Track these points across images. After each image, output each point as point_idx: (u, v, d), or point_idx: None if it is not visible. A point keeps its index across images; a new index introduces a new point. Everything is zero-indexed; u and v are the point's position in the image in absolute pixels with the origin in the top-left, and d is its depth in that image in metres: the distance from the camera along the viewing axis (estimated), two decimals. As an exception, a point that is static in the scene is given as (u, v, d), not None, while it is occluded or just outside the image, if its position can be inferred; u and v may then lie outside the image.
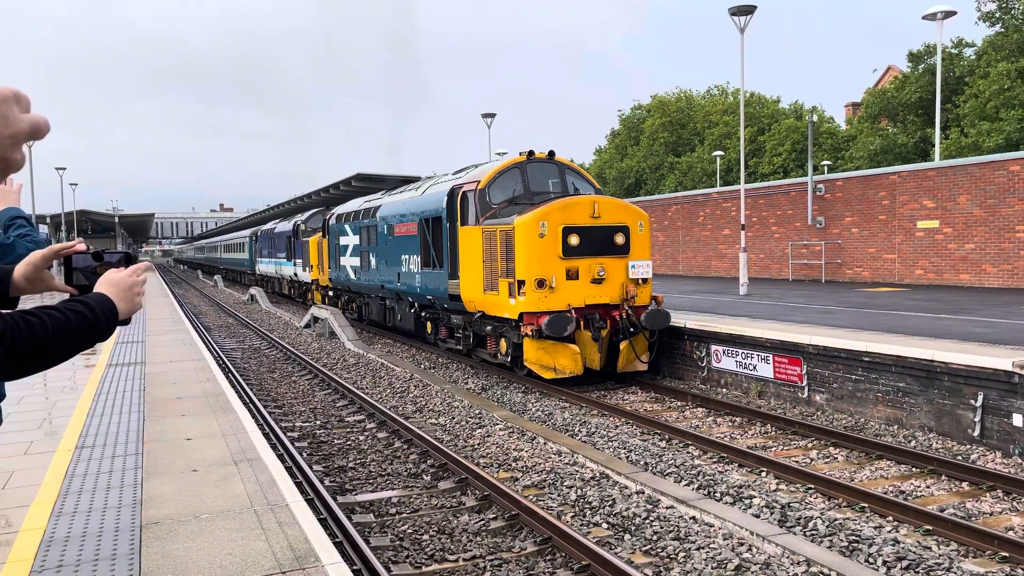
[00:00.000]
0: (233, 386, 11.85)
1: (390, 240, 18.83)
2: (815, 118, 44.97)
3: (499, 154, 26.61)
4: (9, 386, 3.15)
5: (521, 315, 12.40)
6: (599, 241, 12.77)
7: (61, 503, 5.59)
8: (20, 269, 2.31)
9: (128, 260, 2.29)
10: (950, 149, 33.63)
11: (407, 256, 17.54)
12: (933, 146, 30.08)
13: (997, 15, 37.96)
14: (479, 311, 13.92)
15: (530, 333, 12.20)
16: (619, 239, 12.92)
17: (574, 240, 12.50)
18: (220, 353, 18.27)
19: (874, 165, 36.67)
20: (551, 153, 14.49)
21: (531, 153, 14.25)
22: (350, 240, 22.71)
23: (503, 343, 13.59)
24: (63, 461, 6.71)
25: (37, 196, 63.67)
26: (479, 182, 14.01)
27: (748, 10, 20.18)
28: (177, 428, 7.82)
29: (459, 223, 14.49)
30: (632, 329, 12.79)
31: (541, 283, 12.26)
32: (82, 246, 2.32)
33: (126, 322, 2.10)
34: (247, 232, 49.42)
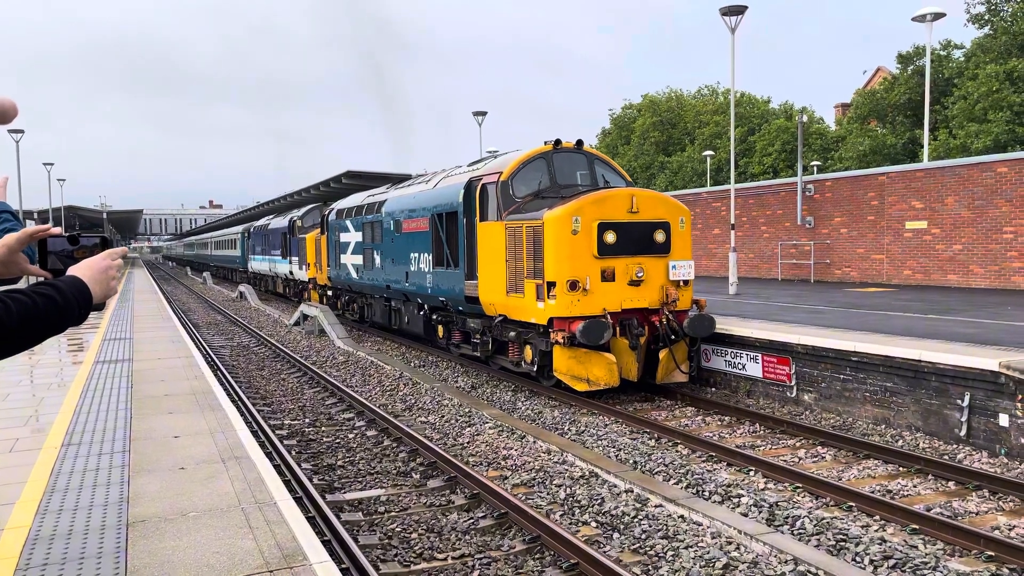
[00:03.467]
0: (221, 383, 11.82)
1: (397, 237, 17.58)
2: (805, 119, 45.10)
3: (490, 152, 26.54)
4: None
5: (551, 320, 11.29)
6: (637, 239, 11.58)
7: (47, 501, 5.55)
8: None
9: (104, 244, 2.24)
10: (938, 150, 33.82)
11: (417, 254, 16.30)
12: (922, 147, 30.23)
13: (986, 17, 38.21)
14: (500, 315, 12.77)
15: (561, 340, 10.98)
16: (659, 236, 11.73)
17: (610, 237, 11.31)
18: (208, 350, 18.20)
19: (863, 166, 36.84)
20: (579, 142, 13.39)
21: (557, 142, 13.06)
22: (352, 237, 21.47)
23: (528, 350, 12.37)
24: (49, 459, 6.67)
25: (24, 192, 63.16)
26: (501, 173, 12.75)
27: (739, 10, 20.23)
28: (164, 426, 7.78)
29: (477, 218, 13.30)
30: (673, 336, 11.65)
31: (574, 285, 11.09)
32: (57, 229, 2.26)
33: (101, 307, 2.06)
34: (239, 228, 48.70)
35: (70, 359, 12.96)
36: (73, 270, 2.03)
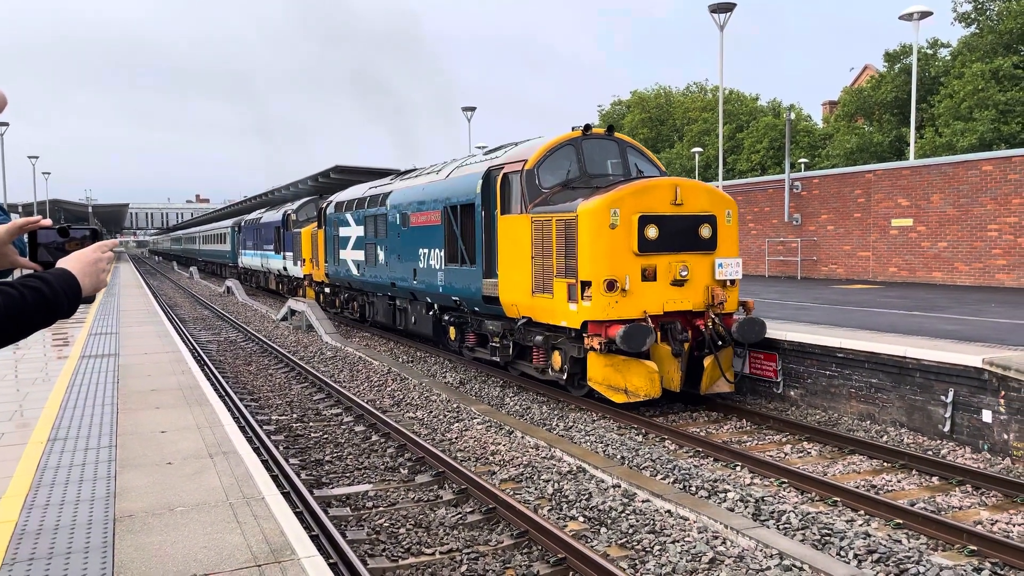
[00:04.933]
0: (208, 379, 11.77)
1: (404, 231, 16.35)
2: (792, 116, 45.28)
3: (479, 147, 26.50)
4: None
5: (584, 324, 10.20)
6: (681, 234, 10.47)
7: (33, 496, 5.53)
8: None
9: (95, 236, 2.23)
10: (924, 148, 34.05)
11: (426, 250, 15.07)
12: (908, 145, 30.42)
13: (972, 16, 38.46)
14: (524, 317, 11.63)
15: (597, 346, 9.95)
16: (705, 231, 10.61)
17: (652, 232, 10.17)
18: (195, 345, 18.13)
19: (850, 163, 37.04)
20: (610, 128, 12.34)
21: (587, 127, 11.95)
22: (352, 231, 20.23)
23: (557, 356, 11.26)
24: (35, 454, 6.63)
25: (8, 186, 62.66)
26: (526, 161, 11.56)
27: (728, 7, 20.32)
28: (151, 421, 7.75)
29: (498, 211, 12.17)
30: (720, 342, 10.56)
31: (611, 285, 9.94)
32: (47, 221, 2.25)
33: (90, 299, 2.06)
34: (229, 222, 47.56)
35: (55, 354, 12.88)
36: (63, 262, 2.01)
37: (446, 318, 14.96)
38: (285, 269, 29.88)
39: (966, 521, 6.87)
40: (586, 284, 10.12)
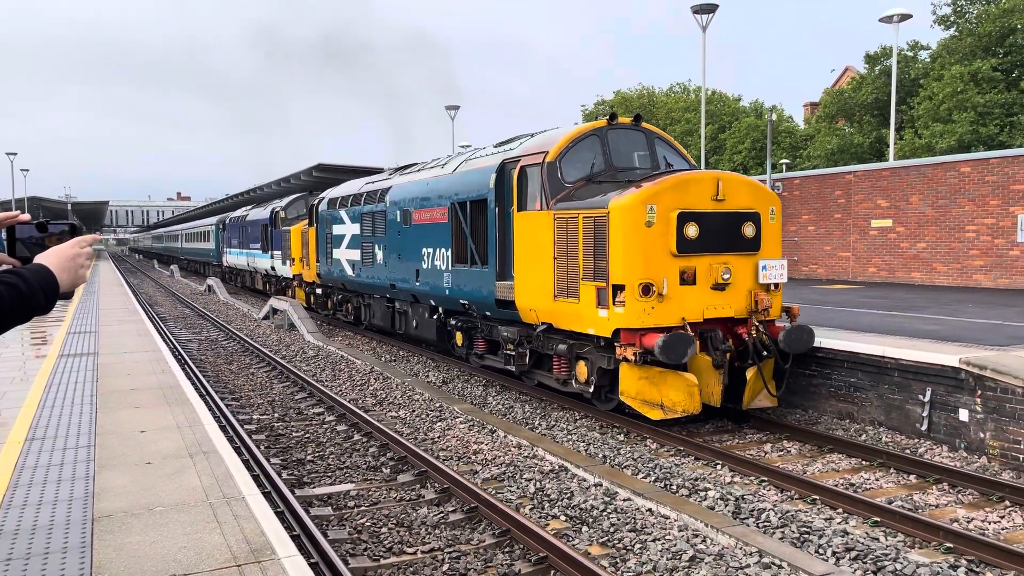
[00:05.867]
0: (189, 378, 11.70)
1: (405, 229, 15.29)
2: (774, 117, 45.58)
3: (463, 146, 26.40)
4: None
5: (616, 332, 9.21)
6: (723, 232, 9.51)
7: (10, 496, 5.48)
8: None
9: (74, 232, 2.22)
10: (904, 150, 34.37)
11: (431, 250, 14.05)
12: (888, 146, 30.70)
13: (952, 19, 38.84)
14: (544, 323, 10.61)
15: (632, 357, 8.96)
16: (748, 230, 9.64)
17: (692, 231, 9.20)
18: (176, 344, 18.00)
19: (831, 164, 37.32)
20: (637, 117, 11.37)
21: (612, 116, 11.06)
22: (347, 229, 19.08)
23: (582, 367, 10.20)
24: (12, 453, 6.57)
25: (-14, 182, 61.88)
26: (546, 153, 10.55)
27: (710, 8, 20.42)
28: (131, 420, 7.70)
29: (515, 207, 11.12)
30: (765, 352, 9.59)
31: (647, 289, 9.00)
32: (26, 216, 2.24)
33: (69, 295, 2.04)
34: (213, 220, 46.28)
35: (33, 352, 12.75)
36: (40, 258, 2.00)
37: (452, 322, 14.02)
38: (273, 269, 28.95)
39: (943, 519, 6.95)
40: (618, 288, 9.21)
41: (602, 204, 9.45)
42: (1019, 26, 35.65)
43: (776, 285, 9.94)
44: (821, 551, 6.19)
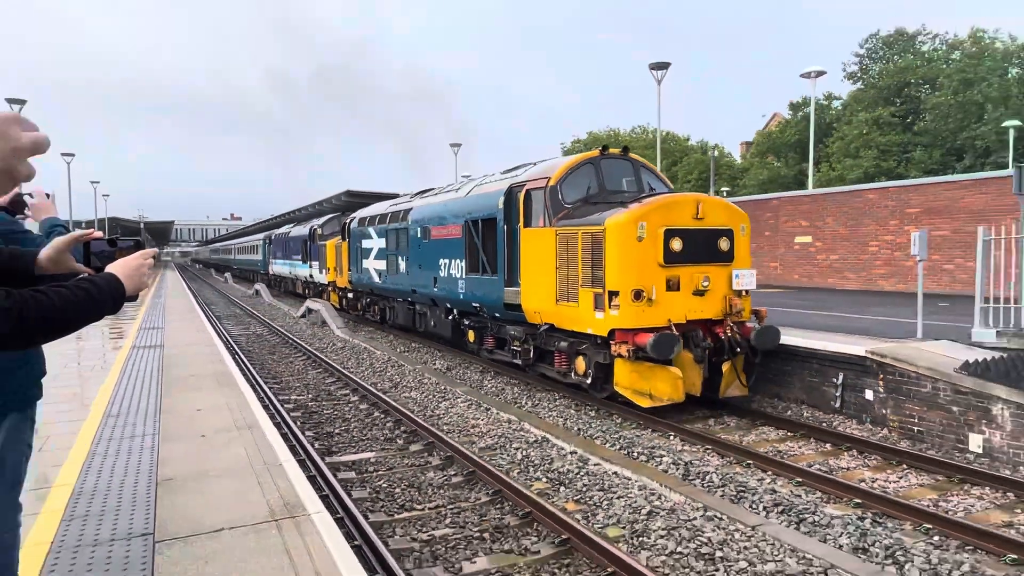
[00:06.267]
0: (238, 365, 11.61)
1: (424, 244, 14.92)
2: (716, 153, 45.71)
3: (464, 176, 26.27)
4: (49, 364, 3.05)
5: (612, 331, 8.97)
6: (703, 246, 9.24)
7: (89, 463, 5.41)
8: (45, 252, 2.23)
9: (138, 246, 2.22)
10: (821, 180, 34.56)
11: (447, 260, 13.72)
12: (808, 177, 30.84)
13: (858, 75, 39.11)
14: (547, 323, 10.33)
15: (625, 353, 8.76)
16: (723, 244, 9.40)
17: (676, 245, 8.98)
18: (228, 338, 17.87)
19: (762, 191, 37.47)
20: (625, 148, 11.12)
21: (604, 147, 10.89)
22: (374, 243, 18.81)
23: (580, 362, 9.96)
24: (92, 428, 6.49)
25: (74, 205, 61.53)
26: (549, 178, 10.32)
27: (664, 66, 20.49)
28: (189, 401, 7.62)
29: (521, 224, 10.83)
30: (738, 349, 9.28)
31: (638, 295, 8.78)
32: (99, 233, 2.27)
33: (134, 298, 2.04)
34: (260, 236, 46.05)
35: (111, 345, 12.63)
36: (110, 267, 2.00)
37: (465, 322, 13.59)
38: (311, 276, 28.72)
39: (853, 479, 6.96)
40: (614, 294, 8.93)
41: (599, 222, 9.22)
42: (912, 81, 35.94)
43: (747, 291, 9.66)
44: (754, 506, 6.19)
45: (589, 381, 9.77)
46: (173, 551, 3.80)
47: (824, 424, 8.94)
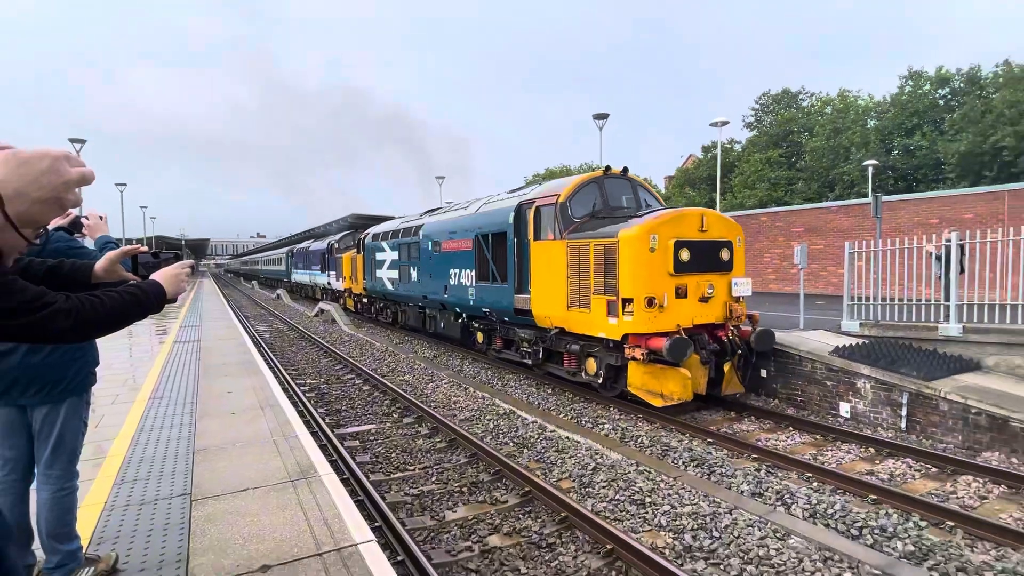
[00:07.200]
0: (262, 356, 11.36)
1: (436, 255, 13.74)
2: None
3: (448, 202, 26.17)
4: (105, 356, 2.98)
5: (625, 336, 7.95)
6: (707, 256, 8.23)
7: (137, 436, 5.24)
8: (100, 263, 2.24)
9: (177, 258, 2.24)
10: (726, 206, 35.23)
11: (457, 270, 12.62)
12: (716, 204, 31.45)
13: (754, 124, 40.00)
14: (557, 327, 9.31)
15: (640, 356, 7.74)
16: (724, 254, 8.40)
17: (685, 255, 7.99)
18: (254, 333, 17.48)
19: (681, 215, 37.91)
20: (625, 169, 10.01)
21: (607, 168, 9.82)
22: (387, 256, 17.47)
23: (591, 363, 8.89)
24: (140, 407, 6.30)
25: (126, 226, 59.65)
26: (558, 196, 9.34)
27: (604, 116, 20.68)
28: (222, 385, 7.44)
29: (531, 237, 9.78)
30: (739, 351, 8.37)
31: (651, 302, 7.79)
32: (145, 248, 2.33)
33: (173, 300, 2.03)
34: (283, 250, 44.75)
35: (157, 340, 12.25)
36: (154, 275, 1.99)
37: (475, 325, 12.45)
38: (329, 284, 27.80)
39: (751, 440, 7.08)
40: (627, 301, 7.90)
41: (612, 234, 8.18)
42: (794, 129, 36.88)
43: (742, 297, 8.66)
44: (675, 461, 6.26)
45: (600, 381, 8.76)
46: (207, 507, 3.70)
47: (728, 396, 9.06)
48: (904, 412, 7.38)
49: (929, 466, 6.22)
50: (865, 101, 35.31)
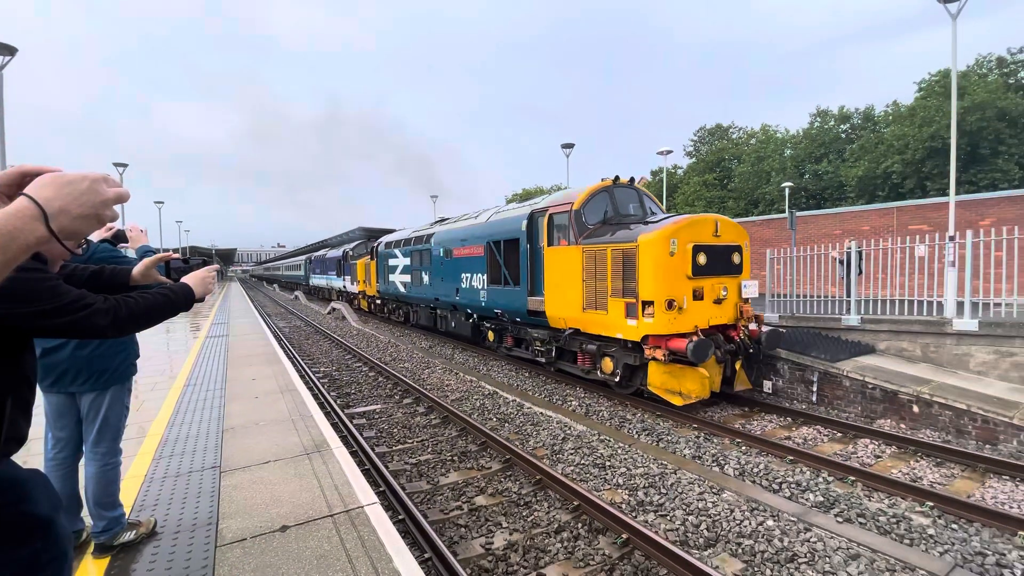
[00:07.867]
0: (282, 347, 11.16)
1: (447, 261, 12.70)
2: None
3: (440, 218, 26.09)
4: (146, 349, 2.92)
5: (645, 337, 7.05)
6: (721, 260, 7.36)
7: (174, 417, 5.11)
8: (137, 268, 2.20)
9: (204, 263, 2.21)
10: (672, 220, 35.54)
11: (468, 275, 11.55)
12: (663, 218, 31.71)
13: (693, 152, 40.58)
14: (571, 328, 8.36)
15: (660, 357, 6.87)
16: (736, 258, 7.53)
17: (702, 259, 7.12)
18: (276, 329, 17.16)
19: (635, 228, 38.16)
20: (632, 179, 9.07)
21: (616, 178, 8.91)
22: (400, 261, 16.38)
23: (608, 362, 7.92)
24: (176, 393, 6.14)
25: (164, 237, 58.09)
26: (572, 204, 8.44)
27: (570, 145, 20.77)
28: (247, 373, 7.29)
29: (544, 243, 8.84)
30: (750, 350, 7.47)
31: (671, 304, 6.92)
32: (177, 255, 2.29)
33: (201, 300, 2.01)
34: (302, 257, 44.12)
35: (192, 335, 11.95)
36: (184, 279, 1.96)
37: (485, 324, 11.42)
38: (344, 287, 26.79)
39: (693, 413, 7.14)
40: (647, 303, 7.01)
41: (631, 239, 7.22)
42: (726, 156, 37.54)
43: (750, 299, 7.77)
44: (630, 431, 6.31)
45: (617, 380, 7.81)
46: (234, 477, 3.63)
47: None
48: (815, 388, 7.56)
49: (835, 431, 6.38)
50: (782, 134, 36.13)
